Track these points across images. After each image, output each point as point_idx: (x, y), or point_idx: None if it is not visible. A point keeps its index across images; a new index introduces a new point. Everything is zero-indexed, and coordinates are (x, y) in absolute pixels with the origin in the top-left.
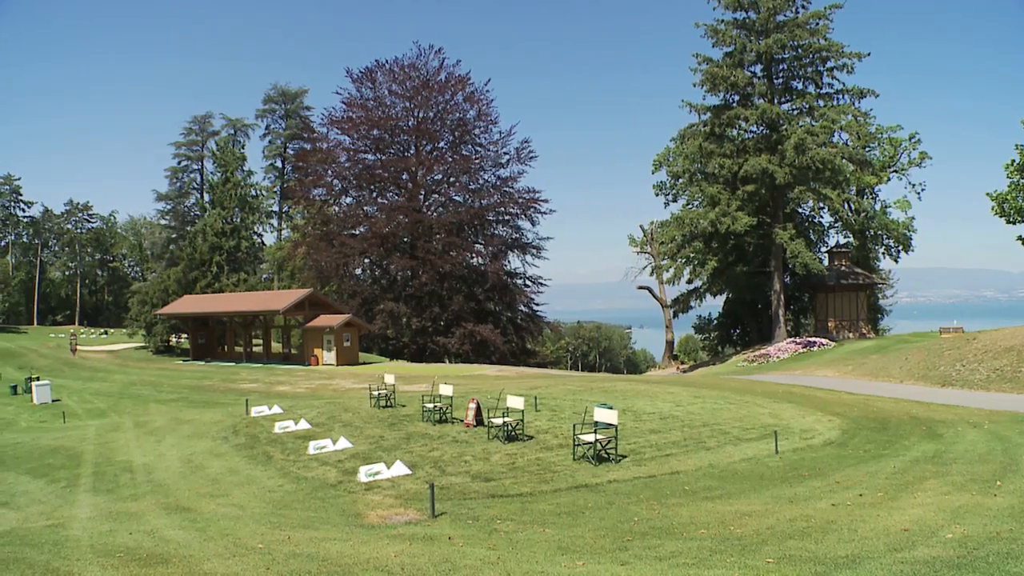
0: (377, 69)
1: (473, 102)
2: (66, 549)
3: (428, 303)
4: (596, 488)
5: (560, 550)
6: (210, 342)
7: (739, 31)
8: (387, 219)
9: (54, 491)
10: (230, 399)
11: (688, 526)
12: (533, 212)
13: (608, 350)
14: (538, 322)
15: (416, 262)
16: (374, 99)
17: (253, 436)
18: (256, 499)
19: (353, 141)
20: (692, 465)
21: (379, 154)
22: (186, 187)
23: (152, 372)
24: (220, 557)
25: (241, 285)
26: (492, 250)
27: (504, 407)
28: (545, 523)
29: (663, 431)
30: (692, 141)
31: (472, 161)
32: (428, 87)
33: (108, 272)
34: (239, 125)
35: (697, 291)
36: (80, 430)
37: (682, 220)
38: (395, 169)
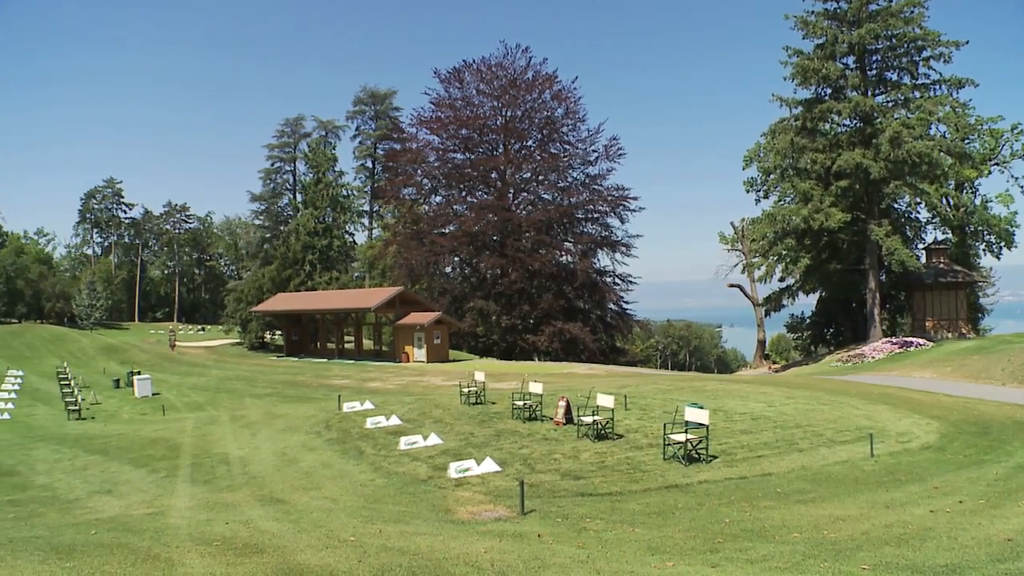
0: (465, 69)
1: (561, 100)
2: (166, 536)
3: (517, 301)
4: (686, 488)
5: (650, 550)
6: (303, 339)
7: (830, 22)
8: (476, 218)
9: (154, 481)
10: (322, 394)
11: (780, 529)
12: (622, 210)
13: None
14: (627, 320)
15: (506, 260)
16: (462, 99)
17: (345, 431)
18: (348, 493)
19: (442, 141)
20: (784, 467)
21: (468, 153)
22: (279, 188)
23: (247, 368)
24: (313, 548)
25: (333, 283)
26: (581, 248)
27: (594, 405)
28: (635, 523)
29: (755, 432)
30: (783, 136)
31: (560, 159)
32: (515, 86)
33: (205, 271)
34: (330, 127)
35: (789, 289)
36: (179, 423)
37: (774, 217)
38: (484, 168)
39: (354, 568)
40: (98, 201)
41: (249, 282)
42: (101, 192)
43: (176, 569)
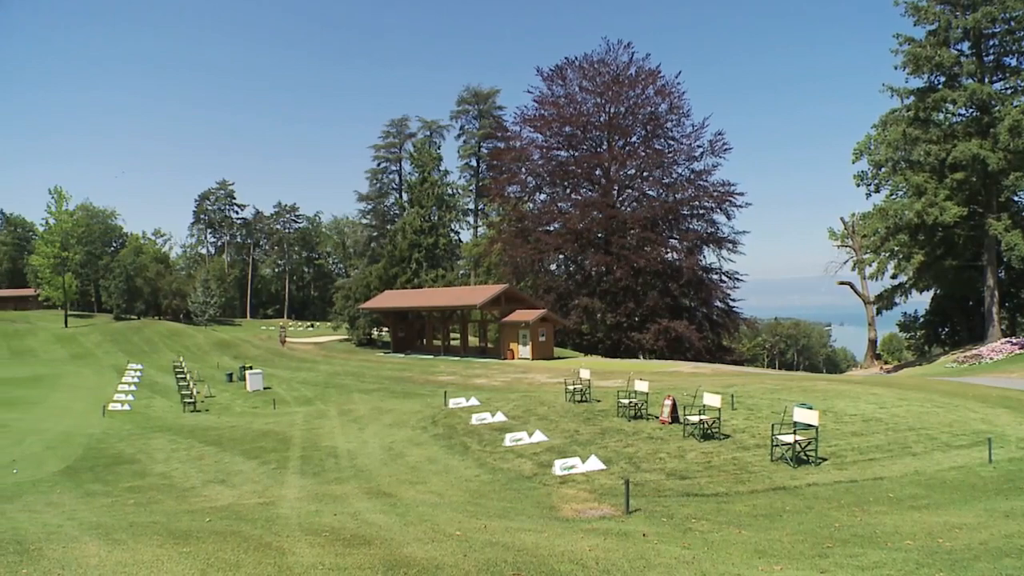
0: (567, 66)
1: (664, 95)
2: (276, 526)
3: (623, 299)
4: (794, 491)
5: (757, 553)
6: (409, 335)
7: (943, 7)
8: (581, 215)
9: (265, 472)
10: (428, 390)
11: (892, 536)
12: (728, 206)
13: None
14: (734, 318)
15: (611, 258)
16: (565, 96)
17: (451, 427)
18: (453, 488)
19: (546, 138)
20: (897, 471)
21: (572, 150)
22: (386, 187)
23: (355, 363)
24: (419, 542)
25: (439, 281)
26: (687, 245)
27: (700, 404)
28: (741, 524)
29: (866, 434)
30: (895, 127)
31: (665, 155)
32: (618, 82)
33: (314, 269)
34: (435, 127)
35: (902, 287)
36: (289, 416)
37: (885, 211)
38: (588, 165)
39: (460, 562)
40: (212, 202)
41: (357, 280)
42: (214, 194)
43: (287, 557)
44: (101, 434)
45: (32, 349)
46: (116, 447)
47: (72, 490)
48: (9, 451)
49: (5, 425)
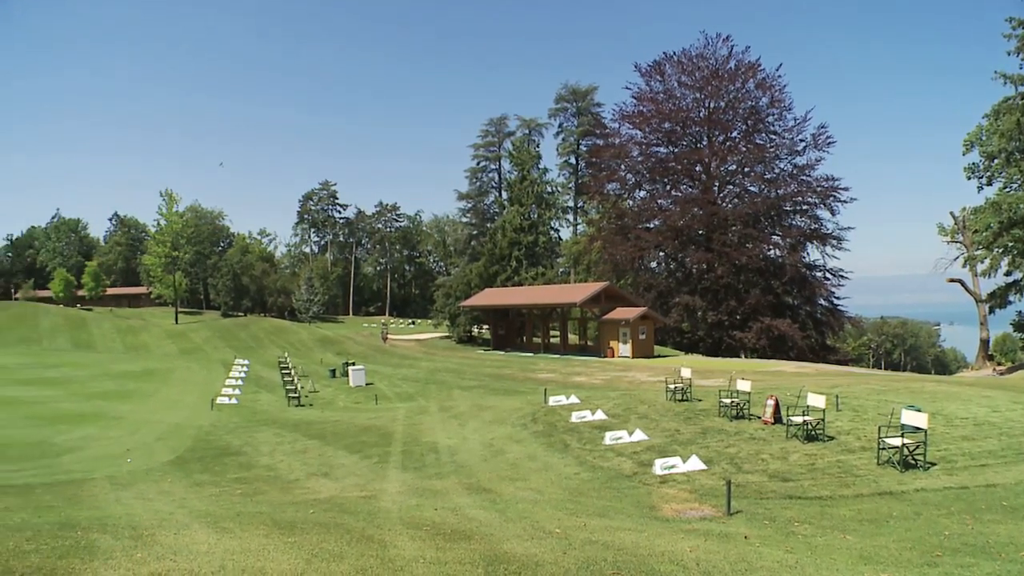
0: (665, 61)
1: (765, 89)
2: (378, 519)
3: (724, 296)
4: (901, 496)
5: (862, 559)
6: (509, 333)
7: None
8: (681, 212)
9: (367, 466)
10: (528, 388)
11: (1007, 546)
12: (832, 201)
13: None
14: (839, 317)
15: (712, 255)
16: (664, 92)
17: (551, 424)
18: (553, 485)
19: (645, 135)
20: (1012, 478)
21: (671, 147)
22: (485, 186)
23: (455, 360)
24: (519, 538)
25: (539, 278)
26: (790, 242)
27: (804, 405)
28: (846, 529)
29: (977, 438)
30: (1008, 117)
31: (767, 150)
32: (718, 76)
33: (415, 267)
34: (533, 125)
35: (1016, 284)
36: (390, 412)
37: (999, 205)
38: (688, 161)
39: (559, 559)
40: (315, 203)
41: (457, 278)
42: (317, 194)
43: (389, 550)
44: (209, 426)
45: (145, 344)
46: (224, 439)
47: (182, 479)
48: (124, 441)
49: (120, 416)
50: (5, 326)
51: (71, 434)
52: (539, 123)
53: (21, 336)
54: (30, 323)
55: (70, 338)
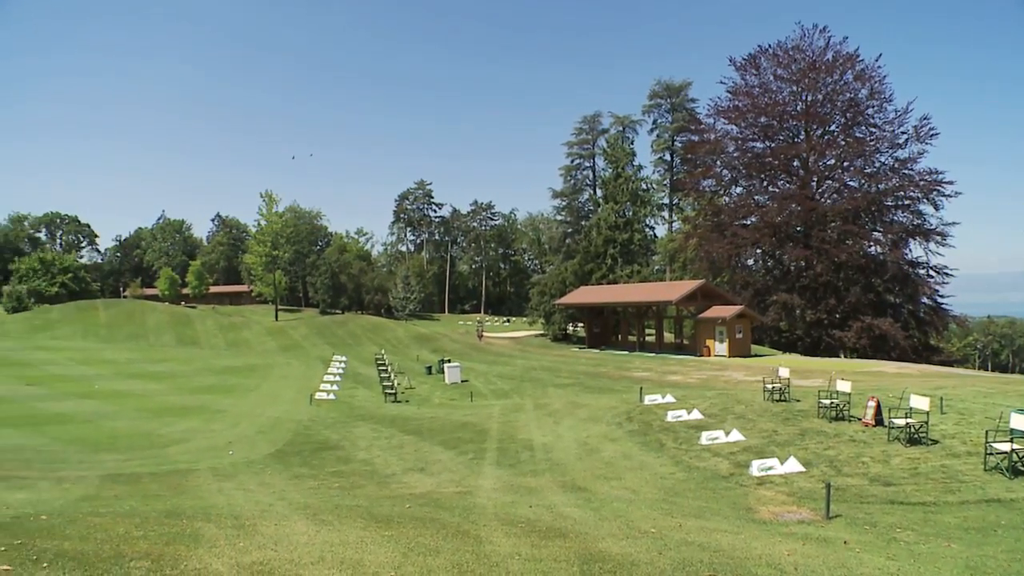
0: (760, 55)
1: (864, 80)
2: (474, 514)
3: (823, 294)
4: (1010, 504)
5: (968, 569)
6: (604, 331)
7: None
8: (779, 208)
9: (463, 462)
10: (623, 386)
11: None
12: (936, 195)
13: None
14: (942, 316)
15: (810, 252)
16: (759, 86)
17: (646, 423)
18: (648, 484)
19: (740, 130)
20: None
21: (768, 142)
22: (579, 184)
23: (550, 358)
24: (614, 537)
25: (634, 276)
26: (891, 238)
27: (906, 407)
28: (950, 537)
29: None
30: None
31: (866, 143)
32: (815, 69)
33: (510, 265)
34: (627, 122)
35: None
36: (486, 409)
37: None
38: (785, 156)
39: (655, 560)
40: (411, 202)
41: (552, 275)
42: (413, 194)
43: (484, 546)
44: (308, 421)
45: (246, 341)
46: (322, 434)
47: (281, 472)
48: (226, 434)
49: (223, 410)
50: (115, 323)
51: (176, 426)
52: (633, 120)
53: (129, 332)
54: (138, 320)
55: (175, 334)
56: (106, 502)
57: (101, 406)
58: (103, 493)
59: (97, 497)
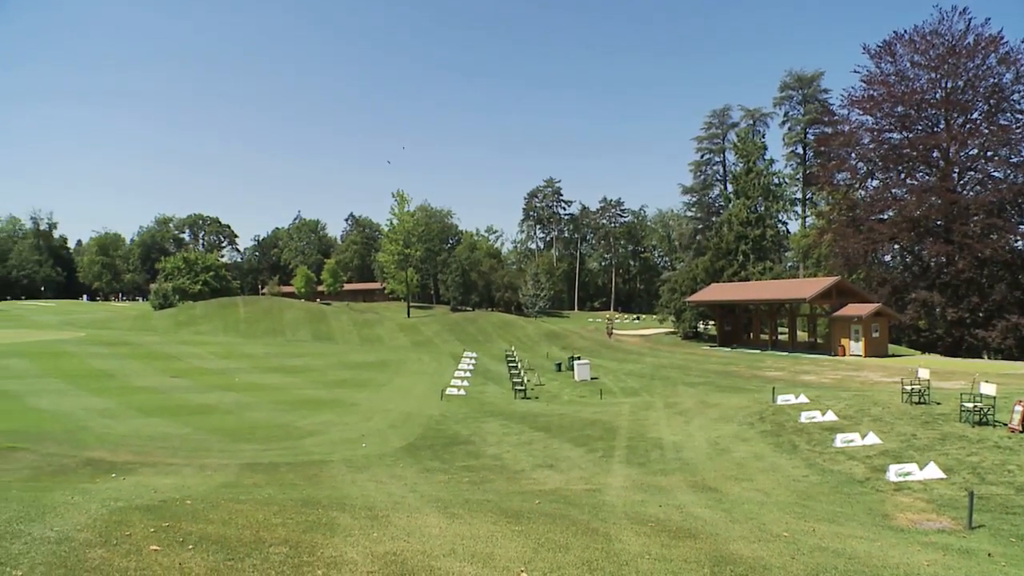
0: (895, 41)
1: (1008, 64)
2: (603, 512)
3: (965, 292)
4: None
5: None
6: (736, 329)
7: None
8: (917, 201)
9: (592, 459)
10: (755, 386)
11: None
12: None
13: None
14: None
15: (951, 247)
16: (895, 73)
17: (779, 424)
18: (780, 487)
19: (876, 120)
20: None
21: (905, 132)
22: (709, 179)
23: (680, 356)
24: (745, 540)
25: (766, 273)
26: None
27: None
28: None
29: None
30: None
31: (1012, 131)
32: (954, 53)
33: (639, 262)
34: (757, 115)
35: None
36: (615, 406)
37: None
38: (924, 147)
39: (787, 564)
40: (540, 200)
41: (683, 272)
42: (542, 191)
43: (613, 544)
44: (439, 416)
45: (379, 337)
46: (452, 428)
47: (412, 465)
48: (359, 427)
49: (356, 404)
50: (253, 319)
51: (312, 419)
52: (763, 113)
53: (267, 328)
54: (275, 316)
55: (311, 330)
56: (246, 489)
57: (241, 398)
58: (243, 481)
59: (237, 484)
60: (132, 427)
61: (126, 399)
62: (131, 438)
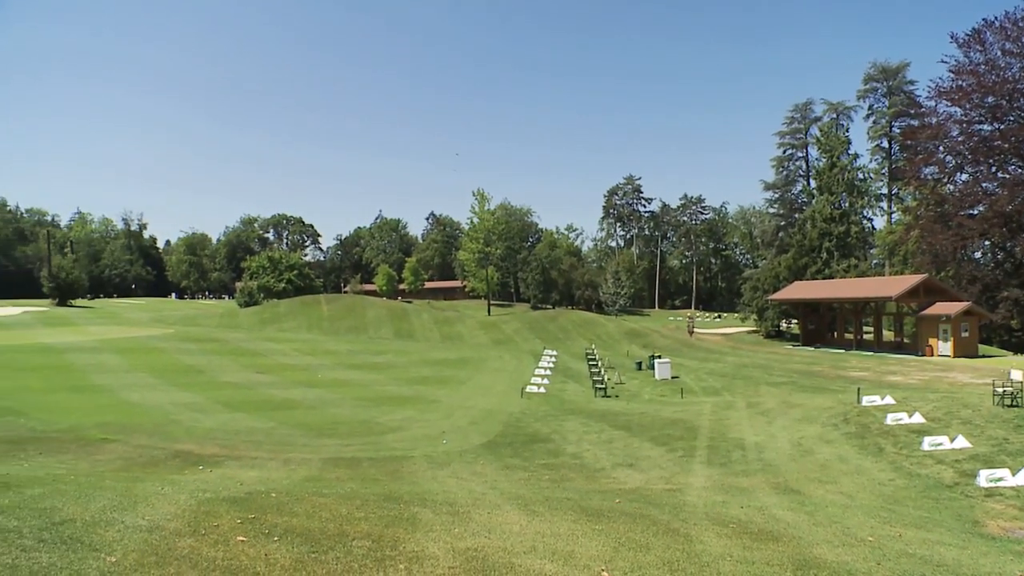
0: (985, 28)
1: None
2: (684, 512)
3: None
4: None
5: None
6: (819, 328)
7: None
8: (1010, 195)
9: (672, 459)
10: (839, 386)
11: None
12: None
13: None
14: None
15: None
16: (985, 63)
17: (863, 426)
18: (865, 490)
19: (965, 112)
20: None
21: (996, 123)
22: (792, 175)
23: (762, 355)
24: (829, 544)
25: (851, 271)
26: None
27: None
28: None
29: None
30: None
31: None
32: None
33: (721, 260)
34: (840, 108)
35: None
36: (696, 406)
37: None
38: (1016, 139)
39: (872, 570)
40: (619, 197)
41: (765, 270)
42: (622, 189)
43: (695, 545)
44: (519, 413)
45: (460, 334)
46: (532, 426)
47: (493, 462)
48: (440, 423)
49: (437, 400)
50: (336, 316)
51: (393, 415)
52: (847, 106)
53: (350, 325)
54: (358, 314)
55: (392, 328)
56: (329, 483)
57: (324, 394)
58: (326, 475)
59: (320, 479)
60: (219, 421)
61: (213, 394)
62: (217, 432)
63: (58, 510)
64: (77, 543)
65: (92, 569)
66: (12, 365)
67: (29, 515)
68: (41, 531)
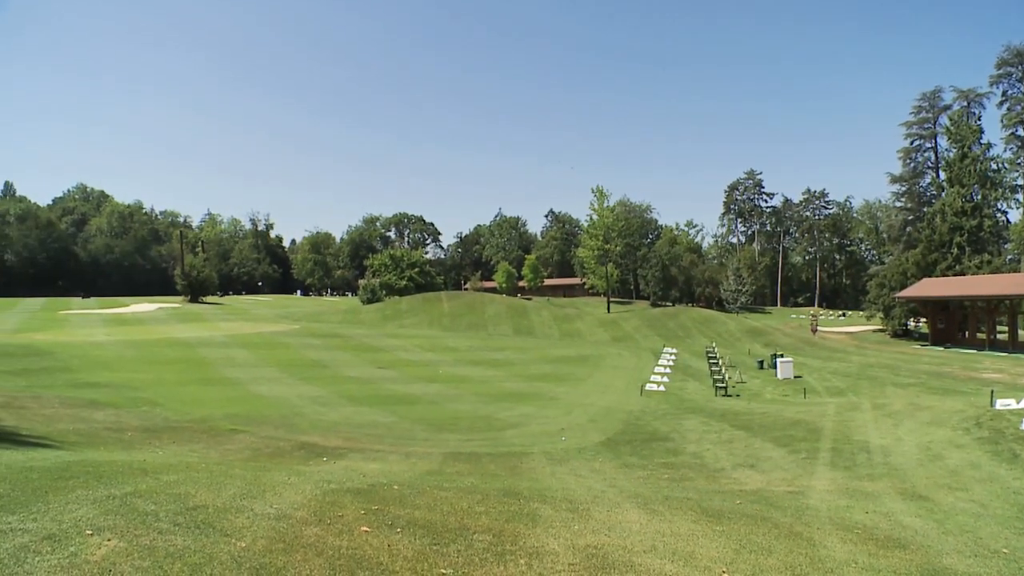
0: None
1: None
2: (806, 516)
3: None
4: None
5: None
6: (949, 327)
7: None
8: None
9: (794, 460)
10: (971, 388)
11: None
12: None
13: None
14: None
15: None
16: None
17: (997, 431)
18: (998, 499)
19: None
20: None
21: None
22: (920, 167)
23: (889, 355)
24: (959, 554)
25: (984, 267)
26: None
27: None
28: None
29: None
30: None
31: None
32: None
33: (845, 256)
34: (972, 96)
35: None
36: (819, 406)
37: None
38: None
39: None
40: (740, 192)
41: (891, 267)
42: (743, 184)
43: (818, 550)
44: (639, 411)
45: (579, 332)
46: (652, 425)
47: (611, 460)
48: (559, 420)
49: (556, 398)
50: (457, 313)
51: (512, 411)
52: (979, 93)
53: (470, 322)
54: (478, 310)
55: (512, 324)
56: (449, 477)
57: (444, 389)
58: (446, 469)
59: (441, 472)
60: (342, 414)
61: (336, 388)
62: (341, 425)
63: (191, 496)
64: (209, 528)
65: (223, 553)
66: (149, 358)
67: (165, 500)
68: (176, 515)
